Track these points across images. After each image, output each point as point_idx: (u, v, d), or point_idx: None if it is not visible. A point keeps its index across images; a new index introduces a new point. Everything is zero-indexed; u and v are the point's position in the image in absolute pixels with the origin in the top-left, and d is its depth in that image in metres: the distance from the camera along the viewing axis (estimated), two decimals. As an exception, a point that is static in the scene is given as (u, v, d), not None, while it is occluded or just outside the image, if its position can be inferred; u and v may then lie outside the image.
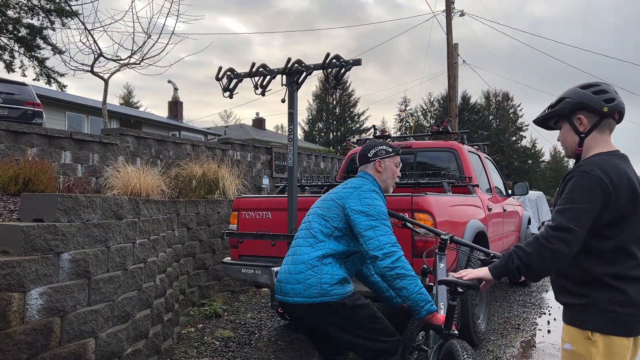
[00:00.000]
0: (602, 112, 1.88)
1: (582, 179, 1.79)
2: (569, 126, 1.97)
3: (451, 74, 16.20)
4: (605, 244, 1.78)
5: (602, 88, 1.91)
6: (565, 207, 1.78)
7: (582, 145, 1.95)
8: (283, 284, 2.52)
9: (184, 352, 4.22)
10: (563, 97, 1.97)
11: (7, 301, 2.30)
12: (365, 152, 2.90)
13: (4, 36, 11.83)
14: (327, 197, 2.73)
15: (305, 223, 2.70)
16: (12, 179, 4.03)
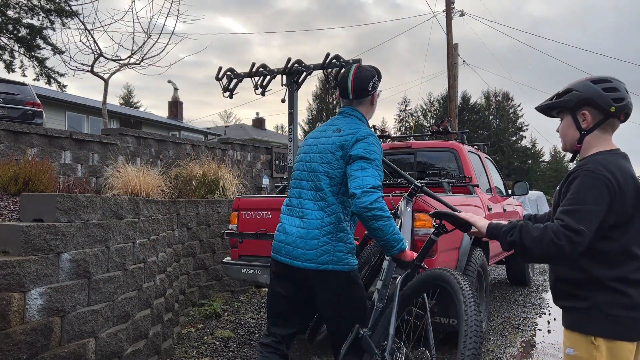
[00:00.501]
0: (609, 111, 1.81)
1: (588, 178, 1.73)
2: (571, 120, 1.89)
3: (451, 74, 16.20)
4: (609, 245, 1.74)
5: (613, 85, 1.83)
6: (575, 208, 1.71)
7: (582, 143, 1.88)
8: (292, 247, 2.40)
9: (184, 352, 4.22)
10: (571, 88, 1.88)
11: (7, 301, 2.30)
12: (364, 84, 2.52)
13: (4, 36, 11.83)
14: (324, 150, 2.45)
15: (307, 181, 2.47)
16: (12, 179, 4.03)
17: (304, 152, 2.58)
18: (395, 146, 5.95)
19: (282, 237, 2.47)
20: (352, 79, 2.53)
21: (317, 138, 2.56)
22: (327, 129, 2.57)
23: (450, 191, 4.47)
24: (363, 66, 2.58)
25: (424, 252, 2.47)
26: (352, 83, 2.52)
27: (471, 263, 4.24)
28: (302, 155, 2.57)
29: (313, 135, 2.63)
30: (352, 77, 2.53)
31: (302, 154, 2.58)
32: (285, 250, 2.43)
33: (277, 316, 2.54)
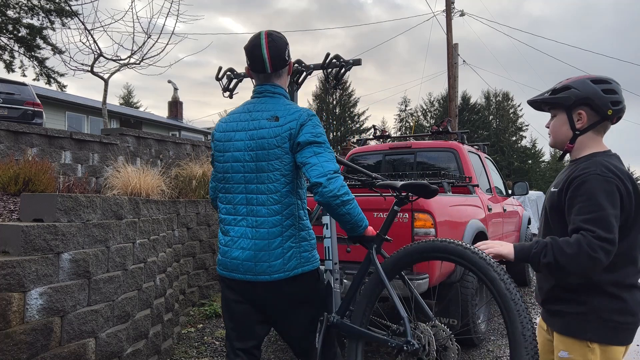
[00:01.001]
0: (606, 113, 1.78)
1: (598, 182, 1.68)
2: (566, 118, 1.84)
3: (451, 74, 16.20)
4: None
5: (612, 87, 1.79)
6: (598, 216, 1.65)
7: (574, 143, 1.85)
8: (253, 262, 2.10)
9: (184, 352, 4.22)
10: (569, 85, 1.83)
11: (7, 301, 2.30)
12: (281, 53, 2.18)
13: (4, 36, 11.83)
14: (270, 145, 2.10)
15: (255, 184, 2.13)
16: (12, 179, 4.03)
17: (235, 149, 2.17)
18: (395, 146, 5.95)
19: (236, 253, 2.13)
20: (266, 49, 2.14)
21: (248, 131, 2.16)
22: (254, 117, 2.17)
23: (450, 191, 4.46)
24: (273, 32, 2.20)
25: (387, 224, 2.40)
26: (269, 53, 2.14)
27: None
28: (236, 154, 2.16)
29: (237, 127, 2.19)
30: (266, 46, 2.15)
31: (234, 151, 2.17)
32: (245, 268, 2.12)
33: (242, 330, 2.23)
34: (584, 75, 1.86)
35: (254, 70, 2.22)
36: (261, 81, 2.23)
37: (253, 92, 2.27)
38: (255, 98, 2.25)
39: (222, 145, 2.21)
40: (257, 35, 2.18)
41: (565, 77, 1.95)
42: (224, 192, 2.21)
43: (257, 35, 2.19)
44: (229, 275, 2.17)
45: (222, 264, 2.19)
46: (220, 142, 2.22)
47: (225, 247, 2.17)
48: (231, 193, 2.18)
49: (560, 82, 1.90)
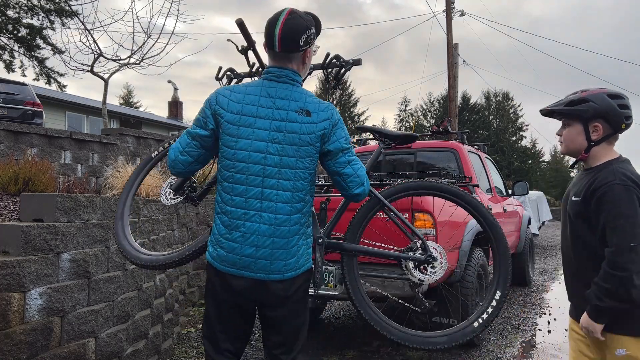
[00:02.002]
0: (620, 127, 1.92)
1: (622, 191, 1.80)
2: (582, 129, 1.96)
3: (451, 74, 16.20)
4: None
5: (626, 103, 1.92)
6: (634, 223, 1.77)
7: (588, 152, 1.97)
8: (269, 261, 1.96)
9: (184, 352, 4.22)
10: (588, 99, 1.93)
11: (7, 301, 2.30)
12: (293, 34, 1.98)
13: (4, 36, 11.83)
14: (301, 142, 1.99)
15: (277, 179, 1.97)
16: (12, 179, 4.03)
17: (257, 138, 1.96)
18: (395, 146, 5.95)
19: (249, 250, 1.95)
20: (281, 25, 1.97)
21: (273, 120, 1.98)
22: (279, 105, 2.00)
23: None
24: (297, 13, 2.02)
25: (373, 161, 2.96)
26: (281, 31, 1.97)
27: (471, 263, 4.24)
28: (257, 144, 1.96)
29: (259, 113, 1.98)
30: (282, 23, 1.97)
31: (255, 140, 1.96)
32: (259, 266, 1.96)
33: (232, 331, 2.09)
34: (600, 89, 1.96)
35: (267, 46, 2.05)
36: (276, 62, 2.05)
37: (268, 73, 2.05)
38: (272, 81, 2.03)
39: (237, 129, 1.96)
40: (280, 11, 2.03)
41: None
42: (232, 181, 1.97)
43: (280, 11, 2.03)
44: (236, 272, 1.97)
45: (227, 260, 1.97)
46: (233, 125, 1.96)
47: (234, 242, 1.96)
48: (244, 185, 1.96)
49: (575, 93, 2.00)
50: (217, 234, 2.01)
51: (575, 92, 2.02)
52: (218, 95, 2.01)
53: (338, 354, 4.23)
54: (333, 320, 5.47)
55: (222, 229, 2.00)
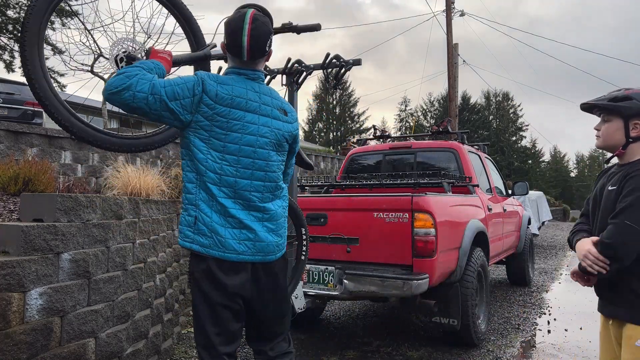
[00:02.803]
0: None
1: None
2: (622, 125, 2.00)
3: (451, 74, 16.20)
4: None
5: None
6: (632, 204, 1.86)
7: (626, 149, 2.01)
8: (265, 243, 2.07)
9: (184, 352, 4.22)
10: (632, 97, 1.99)
11: (7, 301, 2.30)
12: (261, 43, 2.03)
13: (4, 36, 11.83)
14: (282, 138, 2.12)
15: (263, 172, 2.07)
16: (12, 179, 4.03)
17: (247, 132, 2.03)
18: (396, 146, 5.95)
19: (249, 235, 2.02)
20: (247, 37, 2.00)
21: (261, 115, 2.06)
22: (265, 101, 2.09)
23: (450, 191, 4.47)
24: (259, 16, 2.05)
25: None
26: (249, 42, 2.00)
27: (471, 263, 4.24)
28: (248, 138, 2.03)
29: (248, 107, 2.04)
30: (248, 34, 2.00)
31: (245, 134, 2.02)
32: (258, 248, 2.05)
33: (229, 333, 2.05)
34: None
35: (229, 51, 2.08)
36: (243, 65, 2.09)
37: (240, 74, 2.08)
38: (248, 79, 2.09)
39: (227, 122, 1.99)
40: (242, 16, 2.02)
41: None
42: (222, 173, 1.99)
43: (241, 16, 2.02)
44: (235, 258, 1.99)
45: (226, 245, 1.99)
46: (223, 117, 1.98)
47: (231, 228, 2.00)
48: (233, 177, 2.01)
49: (619, 90, 2.07)
50: (212, 222, 2.01)
51: (620, 89, 2.08)
52: (205, 80, 1.98)
53: (338, 354, 4.23)
54: (333, 320, 5.47)
55: (215, 217, 2.02)
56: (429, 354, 4.19)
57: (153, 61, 2.07)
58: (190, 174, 2.02)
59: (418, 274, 3.61)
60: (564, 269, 9.03)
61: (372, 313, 5.81)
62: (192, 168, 2.01)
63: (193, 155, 2.00)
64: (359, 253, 3.82)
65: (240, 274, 2.02)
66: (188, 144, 2.01)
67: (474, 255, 4.33)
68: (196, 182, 2.01)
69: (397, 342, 4.52)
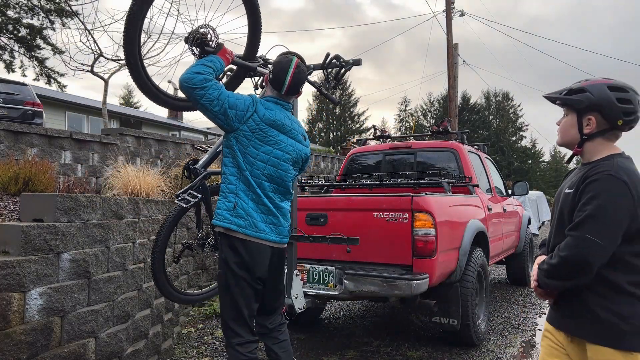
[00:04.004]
0: (616, 123, 1.74)
1: (609, 183, 1.66)
2: (576, 120, 1.81)
3: (451, 74, 16.19)
4: (629, 249, 1.67)
5: (628, 97, 1.73)
6: (592, 214, 1.65)
7: (582, 147, 1.82)
8: (284, 227, 2.64)
9: (184, 352, 4.22)
10: (585, 88, 1.78)
11: (7, 301, 2.30)
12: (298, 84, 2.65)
13: (4, 36, 11.83)
14: (299, 159, 2.68)
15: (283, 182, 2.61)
16: (12, 179, 4.03)
17: (279, 148, 2.56)
18: (396, 146, 5.95)
19: (273, 220, 2.57)
20: (290, 77, 2.59)
21: (290, 138, 2.61)
22: (294, 127, 2.65)
23: (450, 191, 4.47)
24: (301, 64, 2.63)
25: None
26: (290, 82, 2.60)
27: (471, 263, 4.24)
28: (278, 153, 2.56)
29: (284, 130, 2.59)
30: (291, 75, 2.59)
31: (277, 149, 2.56)
32: (279, 230, 2.60)
33: (251, 308, 2.58)
34: (603, 80, 1.79)
35: (271, 85, 2.63)
36: (279, 96, 2.65)
37: (277, 99, 2.63)
38: (284, 109, 2.65)
39: (264, 137, 2.53)
40: (289, 62, 2.61)
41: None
42: (251, 175, 2.51)
43: (288, 61, 2.61)
44: (261, 236, 2.51)
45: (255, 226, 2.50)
46: (263, 133, 2.52)
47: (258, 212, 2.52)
48: (258, 179, 2.53)
49: (579, 82, 1.85)
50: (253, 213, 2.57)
51: (580, 81, 1.86)
52: (258, 104, 2.55)
53: (338, 354, 4.23)
54: (333, 320, 5.47)
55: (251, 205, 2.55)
56: (429, 354, 4.19)
57: (220, 61, 2.56)
58: (233, 169, 2.54)
59: (418, 274, 3.61)
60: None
61: (372, 313, 5.81)
62: (233, 164, 2.54)
63: (235, 154, 2.53)
64: (359, 253, 3.81)
65: (263, 258, 2.54)
66: (232, 146, 2.54)
67: (474, 255, 4.33)
68: (237, 176, 2.53)
69: (397, 342, 4.52)
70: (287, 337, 2.80)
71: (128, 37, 2.57)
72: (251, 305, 2.57)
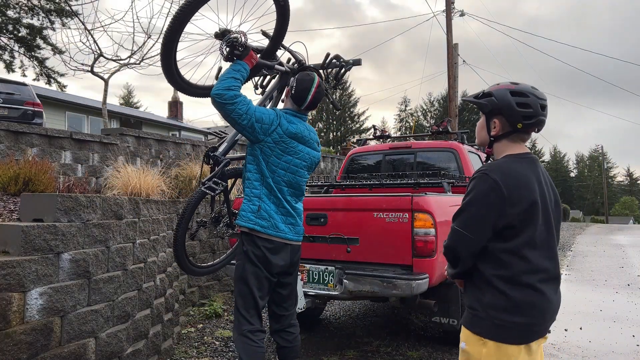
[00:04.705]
0: (516, 127, 1.84)
1: (480, 181, 1.78)
2: (485, 123, 1.92)
3: (451, 74, 16.20)
4: (499, 246, 1.76)
5: (527, 101, 1.82)
6: (463, 209, 1.81)
7: (492, 147, 1.92)
8: (300, 227, 2.90)
9: (184, 352, 4.22)
10: (491, 93, 1.88)
11: (7, 301, 2.30)
12: (317, 101, 2.89)
13: (4, 36, 11.83)
14: (312, 164, 2.93)
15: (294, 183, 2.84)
16: (12, 179, 4.03)
17: (298, 157, 2.83)
18: (395, 146, 5.95)
19: (292, 220, 2.83)
20: (312, 95, 2.84)
21: (307, 147, 2.87)
22: (311, 137, 2.91)
23: (450, 191, 4.46)
24: (322, 83, 2.90)
25: None
26: (311, 99, 2.85)
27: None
28: (297, 161, 2.83)
29: (303, 141, 2.85)
30: (313, 93, 2.83)
31: (296, 158, 2.82)
32: (296, 230, 2.85)
33: (264, 300, 2.80)
34: (508, 85, 1.87)
35: (293, 100, 2.86)
36: (298, 110, 2.89)
37: (295, 112, 2.88)
38: (302, 120, 2.90)
39: (286, 147, 2.78)
40: (311, 80, 2.84)
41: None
42: (272, 181, 2.77)
43: (311, 79, 2.84)
44: (282, 235, 2.76)
45: (277, 227, 2.75)
46: (285, 144, 2.77)
47: (278, 214, 2.78)
48: (279, 185, 2.78)
49: (493, 85, 1.95)
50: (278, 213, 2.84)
51: (492, 85, 1.96)
52: (281, 118, 2.79)
53: (338, 354, 4.23)
54: (333, 320, 5.48)
55: (273, 207, 2.80)
56: (429, 354, 4.19)
57: (246, 67, 2.76)
58: (257, 175, 2.79)
59: (418, 274, 3.61)
60: (564, 269, 9.03)
61: (372, 313, 5.81)
62: (257, 170, 2.78)
63: (259, 162, 2.77)
64: (359, 253, 3.81)
65: (282, 255, 2.78)
66: (256, 155, 2.77)
67: None
68: (261, 181, 2.77)
69: (397, 342, 4.52)
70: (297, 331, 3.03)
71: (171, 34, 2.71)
72: (264, 298, 2.80)
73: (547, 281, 1.77)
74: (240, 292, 2.76)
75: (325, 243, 3.72)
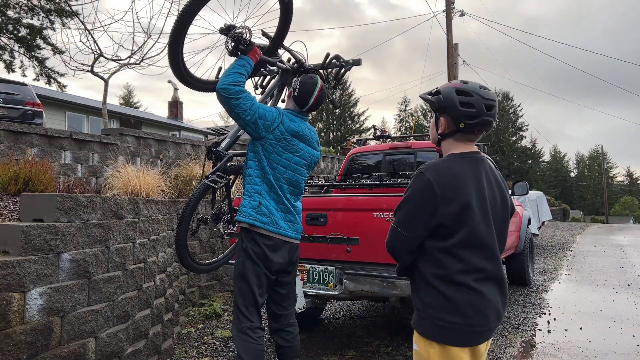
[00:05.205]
0: (459, 126, 1.82)
1: (416, 179, 1.79)
2: (434, 121, 1.92)
3: (451, 74, 16.20)
4: (435, 244, 1.77)
5: (471, 101, 1.79)
6: (399, 206, 1.83)
7: (440, 145, 1.92)
8: (299, 224, 2.92)
9: (184, 352, 4.22)
10: (440, 91, 1.87)
11: (7, 301, 2.30)
12: (319, 104, 2.93)
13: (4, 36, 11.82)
14: (312, 163, 2.96)
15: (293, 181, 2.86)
16: (12, 179, 4.03)
17: (299, 155, 2.85)
18: (395, 146, 5.95)
19: (291, 217, 2.85)
20: (314, 98, 2.88)
21: (307, 146, 2.90)
22: (312, 136, 2.95)
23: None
24: (325, 86, 2.95)
25: None
26: (313, 102, 2.89)
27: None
28: (297, 159, 2.86)
29: (304, 140, 2.88)
30: (315, 96, 2.88)
31: (296, 156, 2.85)
32: (295, 227, 2.87)
33: (262, 297, 2.81)
34: (455, 83, 1.86)
35: (295, 101, 2.89)
36: (300, 112, 2.92)
37: (297, 113, 2.90)
38: (303, 121, 2.92)
39: (287, 145, 2.81)
40: (314, 83, 2.88)
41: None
42: (273, 178, 2.79)
43: (314, 83, 2.88)
44: (278, 231, 2.77)
45: (275, 223, 2.76)
46: (286, 142, 2.80)
47: (279, 211, 2.80)
48: (279, 182, 2.81)
49: (443, 84, 1.94)
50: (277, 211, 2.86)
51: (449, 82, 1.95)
52: (284, 116, 2.82)
53: (338, 354, 4.23)
54: (333, 320, 5.48)
55: (273, 204, 2.82)
56: (429, 354, 4.19)
57: (250, 62, 2.79)
58: (257, 171, 2.81)
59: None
60: (564, 269, 9.03)
61: (372, 313, 5.81)
62: (258, 167, 2.80)
63: (260, 159, 2.79)
64: (359, 253, 3.81)
65: (281, 252, 2.80)
66: (258, 151, 2.80)
67: None
68: (262, 178, 2.80)
69: (397, 342, 4.52)
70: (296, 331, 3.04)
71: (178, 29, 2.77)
72: (263, 295, 2.82)
73: (483, 280, 1.76)
74: (239, 289, 2.78)
75: (325, 243, 3.72)
